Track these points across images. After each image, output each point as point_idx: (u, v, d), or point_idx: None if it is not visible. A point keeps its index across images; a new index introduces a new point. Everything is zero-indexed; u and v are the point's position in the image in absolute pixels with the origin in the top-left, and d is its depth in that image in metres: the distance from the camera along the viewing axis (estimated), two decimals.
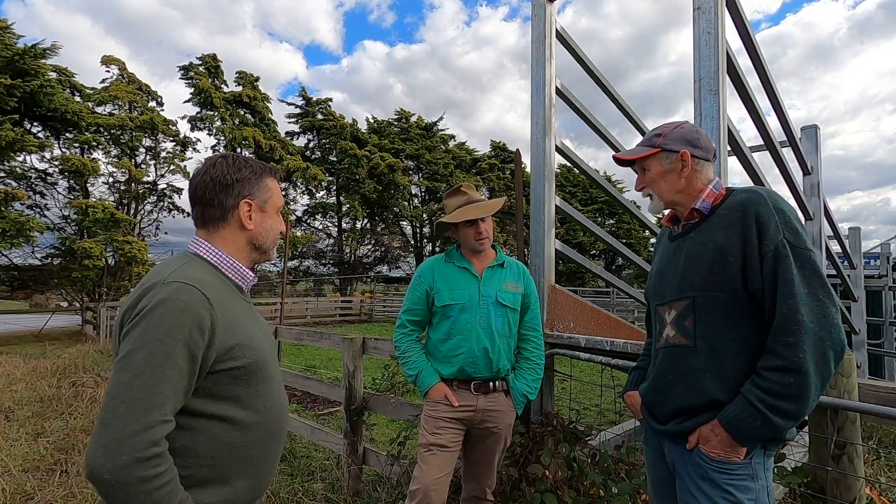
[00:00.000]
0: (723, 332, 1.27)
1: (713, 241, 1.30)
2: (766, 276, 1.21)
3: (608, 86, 3.56)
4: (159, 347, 0.93)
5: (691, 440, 1.30)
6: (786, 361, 1.15)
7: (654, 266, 1.54)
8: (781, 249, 1.20)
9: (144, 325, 0.94)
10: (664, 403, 1.39)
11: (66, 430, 4.34)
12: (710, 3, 2.28)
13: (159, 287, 0.98)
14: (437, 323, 2.16)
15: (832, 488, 1.65)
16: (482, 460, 2.14)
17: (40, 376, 6.43)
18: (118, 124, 18.36)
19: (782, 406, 1.15)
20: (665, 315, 1.41)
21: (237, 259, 1.18)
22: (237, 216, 1.15)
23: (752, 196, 1.28)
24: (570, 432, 2.56)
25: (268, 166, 1.25)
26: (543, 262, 2.92)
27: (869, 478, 2.44)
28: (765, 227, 1.22)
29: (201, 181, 1.15)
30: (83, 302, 16.51)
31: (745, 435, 1.20)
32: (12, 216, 14.45)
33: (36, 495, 3.12)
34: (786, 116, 3.71)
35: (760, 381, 1.18)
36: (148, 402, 0.90)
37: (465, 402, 2.08)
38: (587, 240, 27.54)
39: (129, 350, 0.93)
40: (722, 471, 1.24)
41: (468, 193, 2.21)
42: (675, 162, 1.40)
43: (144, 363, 0.91)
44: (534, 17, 3.09)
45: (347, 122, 28.95)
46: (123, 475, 0.86)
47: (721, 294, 1.27)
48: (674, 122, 1.47)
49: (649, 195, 1.47)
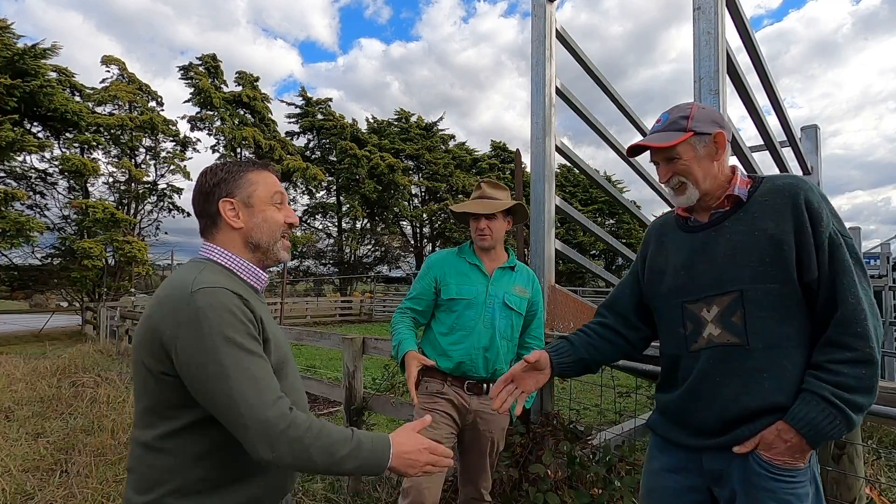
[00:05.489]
0: (777, 328, 1.17)
1: (761, 229, 1.19)
2: (823, 266, 1.13)
3: (608, 86, 3.56)
4: (232, 346, 0.96)
5: (746, 445, 1.17)
6: (858, 353, 1.08)
7: (668, 260, 1.37)
8: (836, 238, 1.14)
9: (204, 335, 0.95)
10: (707, 410, 1.23)
11: (66, 430, 4.34)
12: (710, 2, 2.28)
13: (190, 298, 0.97)
14: (441, 316, 2.14)
15: (832, 488, 1.65)
16: (476, 463, 2.13)
17: (40, 376, 6.43)
18: (118, 124, 18.36)
19: (858, 400, 1.07)
20: (701, 313, 1.26)
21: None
22: (223, 218, 1.12)
23: (799, 182, 1.20)
24: (571, 432, 2.57)
25: (254, 161, 1.21)
26: (543, 262, 2.92)
27: (869, 478, 2.43)
28: (818, 215, 1.15)
29: (192, 198, 1.17)
30: (83, 302, 16.50)
31: (823, 435, 1.09)
32: (12, 216, 14.45)
33: (36, 495, 3.12)
34: (786, 116, 3.71)
35: (831, 376, 1.09)
36: (261, 387, 0.95)
37: (458, 398, 2.06)
38: (587, 240, 27.54)
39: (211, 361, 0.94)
40: (784, 479, 1.13)
41: (483, 188, 2.19)
42: (709, 145, 1.27)
43: (232, 363, 0.94)
44: (534, 16, 3.09)
45: (347, 122, 28.97)
46: (284, 447, 0.93)
47: (775, 286, 1.16)
48: (685, 103, 1.34)
49: (680, 185, 1.30)
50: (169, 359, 0.97)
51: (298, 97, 29.98)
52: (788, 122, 3.79)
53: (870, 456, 3.31)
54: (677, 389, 1.32)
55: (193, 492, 1.01)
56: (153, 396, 1.02)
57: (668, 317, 1.36)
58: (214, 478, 1.02)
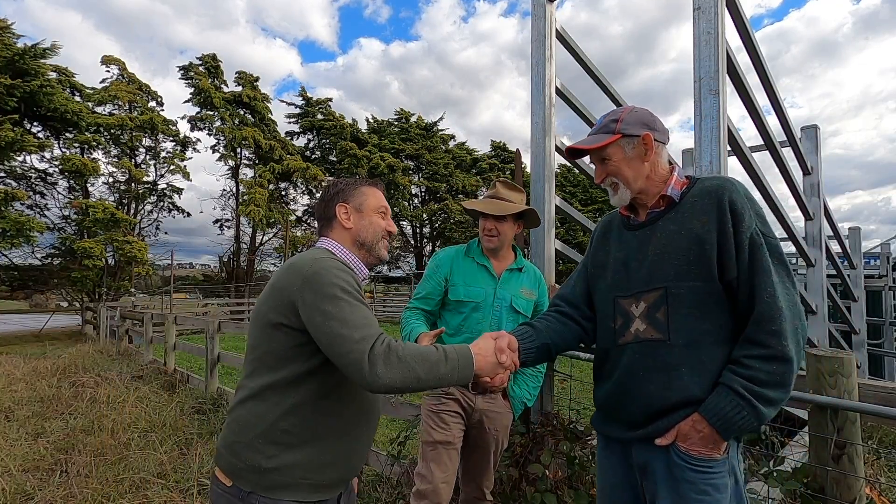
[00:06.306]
0: (697, 324, 1.21)
1: (687, 228, 1.25)
2: (742, 265, 1.18)
3: (608, 85, 3.56)
4: (347, 294, 1.17)
5: (666, 437, 1.22)
6: (770, 350, 1.12)
7: (609, 255, 1.43)
8: (756, 238, 1.18)
9: (328, 285, 1.16)
10: (633, 403, 1.29)
11: (66, 430, 4.33)
12: (710, 2, 2.28)
13: (316, 262, 1.20)
14: (447, 317, 2.13)
15: (832, 488, 1.65)
16: (479, 461, 2.14)
17: (40, 376, 6.43)
18: (118, 124, 18.38)
19: (768, 394, 1.12)
20: (630, 308, 1.32)
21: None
22: (338, 219, 1.38)
23: (725, 183, 1.25)
24: (571, 432, 2.56)
25: (367, 179, 1.50)
26: (543, 262, 2.92)
27: (869, 478, 2.43)
28: (740, 216, 1.19)
29: (316, 205, 1.44)
30: (83, 302, 16.51)
31: (733, 427, 1.14)
32: (12, 216, 14.46)
33: (36, 495, 3.12)
34: (786, 116, 3.71)
35: (743, 371, 1.14)
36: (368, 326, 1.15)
37: (464, 398, 2.06)
38: (587, 240, 27.50)
39: (330, 305, 1.14)
40: (701, 469, 1.18)
41: (497, 188, 2.17)
42: (637, 147, 1.32)
43: (347, 307, 1.15)
44: (534, 17, 3.09)
45: (347, 122, 28.98)
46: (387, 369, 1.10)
47: (697, 283, 1.21)
48: (624, 106, 1.40)
49: (613, 185, 1.36)
50: (292, 311, 1.17)
51: (298, 97, 30.04)
52: (788, 122, 3.79)
53: (870, 456, 3.31)
54: (608, 383, 1.38)
55: (274, 442, 1.17)
56: (265, 345, 1.22)
57: (602, 310, 1.44)
58: (296, 433, 1.18)
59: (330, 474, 1.23)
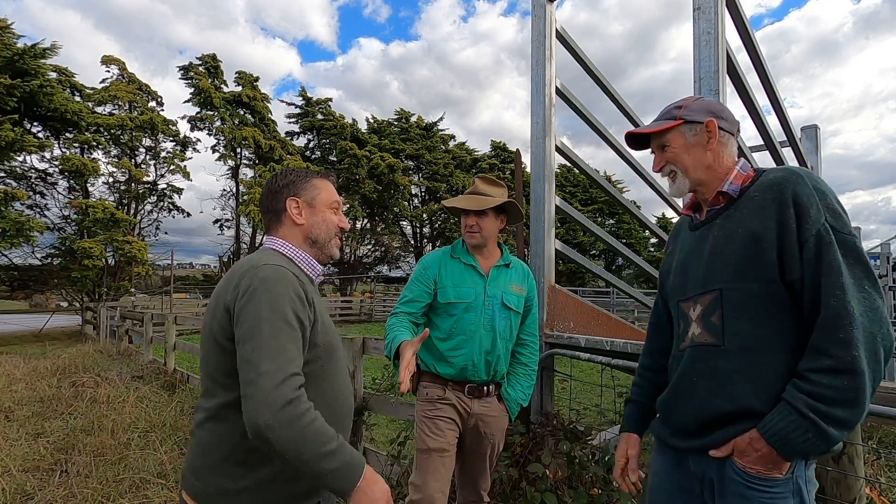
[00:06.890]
0: (755, 329, 1.12)
1: (745, 226, 1.15)
2: (807, 265, 1.06)
3: (608, 86, 3.56)
4: (275, 316, 1.07)
5: (721, 450, 1.14)
6: (839, 362, 0.99)
7: (674, 259, 1.37)
8: (824, 234, 1.05)
9: (256, 300, 1.08)
10: (685, 409, 1.22)
11: (66, 430, 4.33)
12: (710, 2, 2.28)
13: (254, 271, 1.12)
14: (438, 320, 2.08)
15: (832, 488, 1.65)
16: (476, 465, 2.11)
17: (40, 376, 6.43)
18: (118, 124, 18.37)
19: (836, 414, 0.99)
20: (689, 312, 1.25)
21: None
22: (288, 214, 1.28)
23: (789, 175, 1.13)
24: (571, 432, 2.56)
25: (319, 170, 1.39)
26: (543, 262, 2.92)
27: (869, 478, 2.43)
28: (804, 210, 1.07)
29: (260, 195, 1.34)
30: (83, 302, 16.51)
31: (793, 449, 1.03)
32: (12, 216, 14.46)
33: (36, 495, 3.12)
34: (786, 116, 3.71)
35: (808, 386, 1.02)
36: (283, 359, 1.03)
37: (460, 402, 2.05)
38: (587, 240, 27.54)
39: (251, 323, 1.06)
40: (759, 488, 1.08)
41: (476, 184, 2.16)
42: (700, 134, 1.24)
43: (269, 330, 1.05)
44: (533, 16, 3.09)
45: (347, 122, 28.96)
46: (283, 416, 0.97)
47: (754, 285, 1.11)
48: (691, 95, 1.33)
49: (671, 173, 1.29)
50: (230, 324, 1.10)
51: (298, 97, 30.02)
52: (788, 122, 3.79)
53: (870, 456, 3.31)
54: (667, 389, 1.32)
55: (240, 463, 1.11)
56: (213, 359, 1.14)
57: (674, 316, 1.36)
58: (262, 450, 1.09)
59: (304, 484, 1.17)
